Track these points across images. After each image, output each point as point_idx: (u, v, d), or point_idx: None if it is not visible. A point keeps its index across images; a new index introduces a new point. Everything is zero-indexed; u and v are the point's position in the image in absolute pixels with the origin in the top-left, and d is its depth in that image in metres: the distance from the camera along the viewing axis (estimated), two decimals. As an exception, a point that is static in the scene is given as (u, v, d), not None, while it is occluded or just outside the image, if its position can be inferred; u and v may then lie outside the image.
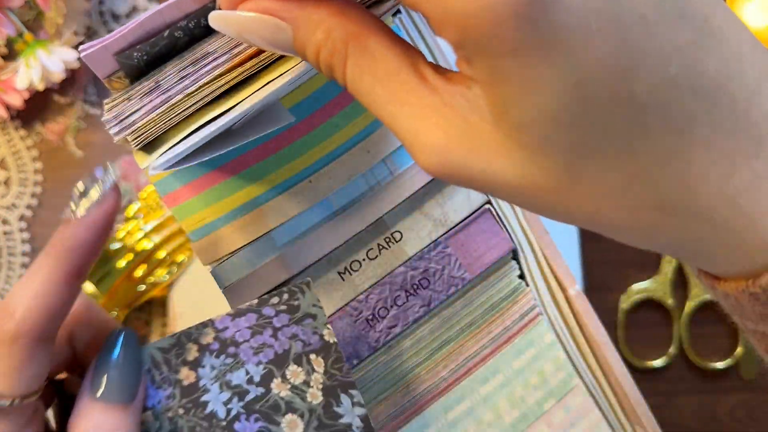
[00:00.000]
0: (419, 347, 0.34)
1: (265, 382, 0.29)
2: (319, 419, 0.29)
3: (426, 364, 0.34)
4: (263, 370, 0.29)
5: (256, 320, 0.29)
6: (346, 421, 0.29)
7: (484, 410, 0.34)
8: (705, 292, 0.51)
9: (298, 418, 0.29)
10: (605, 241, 0.52)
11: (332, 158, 0.31)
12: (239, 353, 0.29)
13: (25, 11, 0.49)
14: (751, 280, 0.20)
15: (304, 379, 0.29)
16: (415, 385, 0.33)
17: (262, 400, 0.29)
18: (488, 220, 0.33)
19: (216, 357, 0.29)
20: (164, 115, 0.25)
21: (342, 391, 0.29)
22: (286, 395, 0.29)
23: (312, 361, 0.29)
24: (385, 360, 0.33)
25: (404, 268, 0.33)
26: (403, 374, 0.33)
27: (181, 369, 0.29)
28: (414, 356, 0.33)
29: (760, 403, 0.52)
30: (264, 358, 0.29)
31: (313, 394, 0.29)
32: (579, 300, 0.35)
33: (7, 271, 0.51)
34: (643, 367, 0.52)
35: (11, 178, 0.51)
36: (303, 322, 0.29)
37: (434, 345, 0.34)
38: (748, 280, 0.20)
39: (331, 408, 0.29)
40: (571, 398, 0.35)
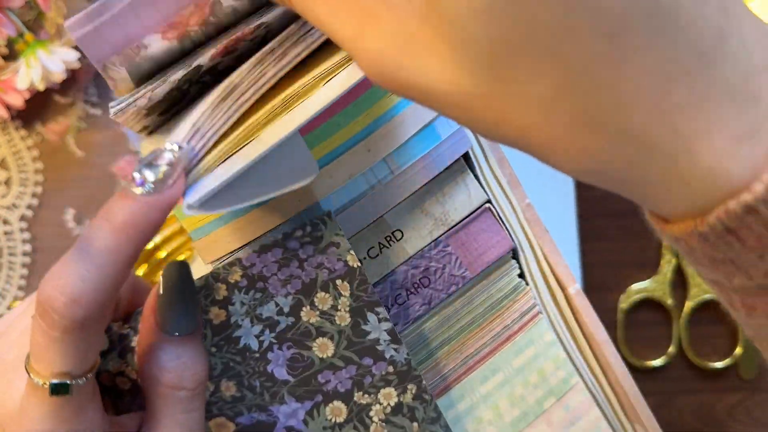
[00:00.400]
0: (419, 346, 0.34)
1: (295, 312, 0.30)
2: (348, 339, 0.30)
3: (426, 363, 0.34)
4: (292, 300, 0.30)
5: (281, 254, 0.30)
6: (373, 337, 0.31)
7: (484, 409, 0.35)
8: (705, 292, 0.51)
9: (328, 340, 0.30)
10: (605, 242, 0.52)
11: (333, 157, 0.31)
12: (268, 287, 0.30)
13: (25, 11, 0.49)
14: (699, 219, 0.18)
15: (331, 304, 0.30)
16: (416, 384, 0.34)
17: (293, 328, 0.30)
18: (488, 219, 0.33)
19: (245, 293, 0.30)
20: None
21: (368, 310, 0.30)
22: (316, 321, 0.30)
23: (338, 286, 0.30)
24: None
25: (405, 267, 0.33)
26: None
27: (210, 309, 0.30)
28: (415, 355, 0.34)
29: (760, 403, 0.52)
30: (292, 289, 0.30)
31: (341, 317, 0.30)
32: (579, 299, 0.35)
33: (7, 271, 0.51)
34: (643, 366, 0.52)
35: (12, 178, 0.51)
36: (327, 251, 0.30)
37: (434, 344, 0.34)
38: (695, 219, 0.19)
39: (359, 327, 0.30)
40: (570, 397, 0.35)
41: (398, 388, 0.31)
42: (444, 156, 0.32)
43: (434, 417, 0.32)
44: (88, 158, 0.52)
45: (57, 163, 0.52)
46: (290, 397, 0.31)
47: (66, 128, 0.52)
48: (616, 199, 0.52)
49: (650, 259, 0.52)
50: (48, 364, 0.24)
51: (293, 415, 0.31)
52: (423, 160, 0.32)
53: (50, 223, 0.51)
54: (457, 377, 0.34)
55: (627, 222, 0.52)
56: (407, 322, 0.33)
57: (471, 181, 0.33)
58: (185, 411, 0.27)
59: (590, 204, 0.52)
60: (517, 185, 0.34)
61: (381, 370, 0.31)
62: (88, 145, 0.52)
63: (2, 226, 0.51)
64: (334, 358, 0.31)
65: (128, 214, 0.23)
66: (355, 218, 0.32)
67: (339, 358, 0.31)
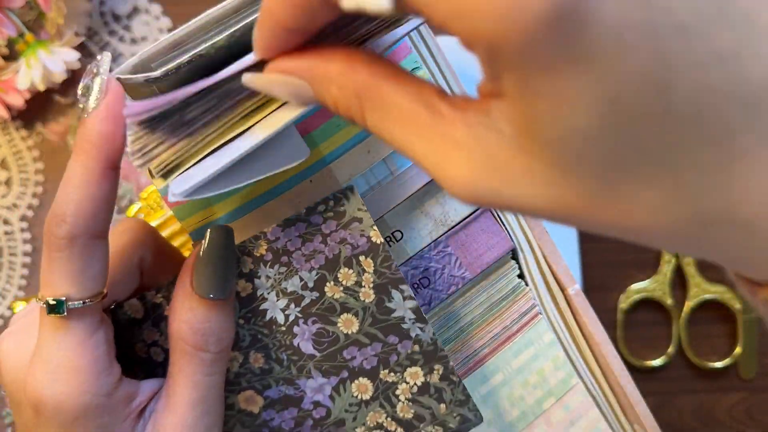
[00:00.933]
0: (419, 346, 0.34)
1: (319, 287, 0.30)
2: (373, 316, 0.31)
3: (426, 363, 0.34)
4: (316, 275, 0.30)
5: (305, 228, 0.30)
6: (398, 315, 0.31)
7: (483, 409, 0.35)
8: (704, 292, 0.51)
9: (352, 316, 0.31)
10: (604, 242, 0.52)
11: (333, 158, 0.31)
12: (292, 261, 0.30)
13: (25, 11, 0.49)
14: None
15: (355, 280, 0.30)
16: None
17: (318, 303, 0.30)
18: (488, 220, 0.33)
19: (270, 267, 0.30)
20: (187, 144, 0.25)
21: (393, 288, 0.30)
22: (340, 297, 0.30)
23: (362, 262, 0.30)
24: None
25: (405, 268, 0.33)
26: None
27: (238, 281, 0.30)
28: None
29: (759, 403, 0.52)
30: (316, 264, 0.30)
31: (366, 293, 0.30)
32: (578, 299, 0.35)
33: (8, 271, 0.51)
34: (642, 366, 0.52)
35: (12, 179, 0.52)
36: (350, 226, 0.30)
37: (434, 344, 0.34)
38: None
39: (383, 304, 0.30)
40: (570, 397, 0.35)
41: (424, 368, 0.31)
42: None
43: (462, 399, 0.31)
44: (89, 158, 0.52)
45: (57, 163, 0.52)
46: (316, 371, 0.31)
47: (67, 128, 0.52)
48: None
49: (650, 259, 0.52)
50: (50, 286, 0.26)
51: (320, 390, 0.31)
52: (423, 161, 0.32)
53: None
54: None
55: (627, 222, 0.52)
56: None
57: (471, 182, 0.33)
58: (205, 374, 0.28)
59: (590, 204, 0.52)
60: (516, 186, 0.34)
61: (407, 348, 0.31)
62: (89, 145, 0.52)
63: (3, 226, 0.51)
64: (359, 335, 0.31)
65: (83, 134, 0.26)
66: (355, 219, 0.32)
67: (364, 334, 0.31)
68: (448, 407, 0.32)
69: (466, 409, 0.32)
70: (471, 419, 0.32)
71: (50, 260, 0.26)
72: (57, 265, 0.26)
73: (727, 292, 0.51)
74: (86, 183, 0.26)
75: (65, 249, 0.26)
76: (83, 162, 0.26)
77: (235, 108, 0.25)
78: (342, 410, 0.31)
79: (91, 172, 0.26)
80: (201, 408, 0.29)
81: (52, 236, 0.26)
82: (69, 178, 0.26)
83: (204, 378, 0.28)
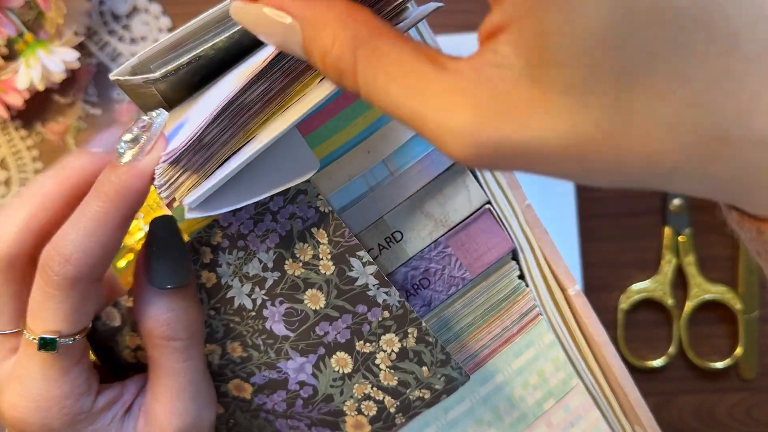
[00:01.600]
0: (419, 347, 0.34)
1: (279, 266, 0.30)
2: (337, 287, 0.31)
3: (426, 364, 0.34)
4: (274, 255, 0.30)
5: (254, 209, 0.30)
6: (361, 282, 0.30)
7: (483, 410, 0.35)
8: (705, 292, 0.51)
9: (317, 291, 0.31)
10: (605, 242, 0.52)
11: (332, 159, 0.31)
12: (248, 244, 0.30)
13: (25, 11, 0.49)
14: None
15: (312, 254, 0.30)
16: (416, 385, 0.34)
17: (281, 283, 0.30)
18: (488, 220, 0.33)
19: (229, 253, 0.30)
20: (207, 166, 0.25)
21: (350, 256, 0.30)
22: (301, 273, 0.30)
23: (315, 234, 0.30)
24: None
25: (405, 268, 0.33)
26: (403, 374, 0.33)
27: (201, 273, 0.30)
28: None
29: (760, 403, 0.52)
30: (271, 243, 0.30)
31: (325, 266, 0.30)
32: (579, 300, 0.35)
33: (7, 271, 0.51)
34: (643, 367, 0.52)
35: (12, 178, 0.51)
36: (297, 200, 0.30)
37: (434, 345, 0.34)
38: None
39: (344, 274, 0.30)
40: (570, 398, 0.35)
41: (399, 334, 0.31)
42: (443, 157, 0.32)
43: (443, 359, 0.31)
44: (88, 158, 0.52)
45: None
46: (294, 351, 0.31)
47: (66, 128, 0.52)
48: (616, 199, 0.52)
49: (650, 259, 0.52)
50: (41, 320, 0.26)
51: (301, 370, 0.31)
52: (422, 162, 0.32)
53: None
54: (457, 378, 0.34)
55: (627, 222, 0.52)
56: (407, 324, 0.33)
57: (471, 182, 0.33)
58: (182, 360, 0.29)
59: (590, 204, 0.52)
60: (516, 187, 0.34)
61: (377, 316, 0.31)
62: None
63: (2, 226, 0.51)
64: (327, 309, 0.31)
65: (113, 183, 0.26)
66: (355, 220, 0.32)
67: (332, 308, 0.31)
68: (430, 369, 0.32)
69: (449, 368, 0.32)
70: (456, 378, 0.32)
71: (45, 295, 0.26)
72: (52, 302, 0.26)
73: (727, 292, 0.51)
74: (101, 230, 0.26)
75: (63, 289, 0.26)
76: (104, 209, 0.26)
77: (248, 123, 0.25)
78: (327, 386, 0.32)
79: (110, 221, 0.26)
80: (187, 393, 0.29)
81: (51, 272, 0.26)
82: (83, 221, 0.26)
83: (182, 365, 0.29)
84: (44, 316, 0.26)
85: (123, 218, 0.26)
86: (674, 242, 0.51)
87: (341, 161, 0.31)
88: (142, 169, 0.25)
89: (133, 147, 0.26)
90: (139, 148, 0.25)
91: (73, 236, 0.25)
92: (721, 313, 0.52)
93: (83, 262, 0.26)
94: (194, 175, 0.25)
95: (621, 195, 0.52)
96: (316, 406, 0.32)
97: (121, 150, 0.26)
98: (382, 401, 0.32)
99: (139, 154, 0.25)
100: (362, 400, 0.32)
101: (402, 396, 0.32)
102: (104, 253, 0.26)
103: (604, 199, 0.52)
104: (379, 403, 0.32)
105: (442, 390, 0.32)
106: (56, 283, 0.26)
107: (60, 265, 0.25)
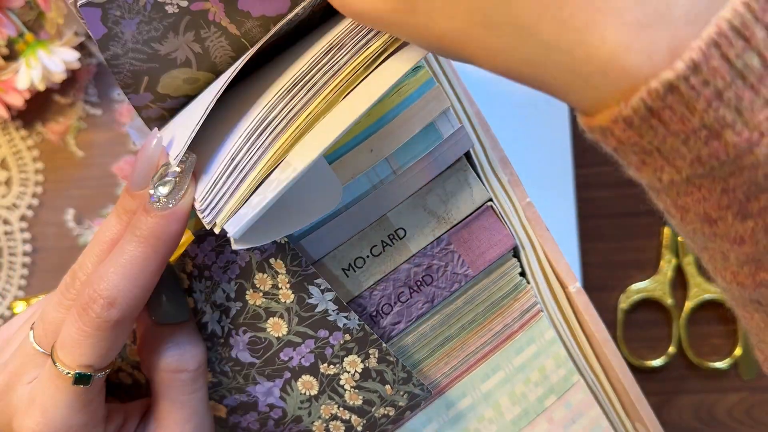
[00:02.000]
0: (421, 344, 0.34)
1: (241, 296, 0.31)
2: (298, 314, 0.31)
3: (428, 361, 0.34)
4: (235, 285, 0.31)
5: (215, 242, 0.30)
6: (321, 308, 0.31)
7: (485, 407, 0.35)
8: (704, 292, 0.51)
9: (279, 319, 0.31)
10: (605, 242, 0.52)
11: (336, 157, 0.31)
12: (213, 275, 0.31)
13: (25, 11, 0.49)
14: (623, 103, 0.18)
15: (272, 283, 0.30)
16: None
17: (243, 312, 0.31)
18: (490, 218, 0.34)
19: (199, 281, 0.31)
20: (243, 189, 0.26)
21: (308, 284, 0.30)
22: (262, 303, 0.31)
23: (273, 264, 0.30)
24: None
25: (408, 265, 0.33)
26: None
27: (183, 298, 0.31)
28: (416, 353, 0.34)
29: (759, 403, 0.52)
30: (232, 274, 0.30)
31: (285, 294, 0.31)
32: (579, 297, 0.35)
33: (8, 271, 0.51)
34: (642, 366, 0.52)
35: (12, 178, 0.51)
36: None
37: (436, 342, 0.34)
38: (619, 104, 0.19)
39: (304, 301, 0.31)
40: (571, 395, 0.35)
41: (360, 355, 0.32)
42: (446, 155, 0.32)
43: (404, 377, 0.32)
44: (88, 158, 0.52)
45: (57, 163, 0.52)
46: (261, 377, 0.32)
47: (66, 128, 0.52)
48: (616, 199, 0.52)
49: (650, 259, 0.52)
50: (77, 356, 0.27)
51: (269, 393, 0.32)
52: (424, 160, 0.32)
53: (50, 223, 0.51)
54: (459, 375, 0.34)
55: (627, 222, 0.52)
56: (410, 320, 0.33)
57: (473, 180, 0.33)
58: (189, 392, 0.29)
59: (590, 204, 0.52)
60: (518, 184, 0.34)
61: (338, 339, 0.31)
62: (88, 145, 0.52)
63: (3, 226, 0.51)
64: (290, 335, 0.31)
65: (150, 227, 0.26)
66: (358, 217, 0.32)
67: (294, 334, 0.31)
68: (393, 387, 0.32)
69: (411, 385, 0.32)
70: (418, 394, 0.33)
71: (83, 334, 0.27)
72: (92, 341, 0.27)
73: (726, 292, 0.51)
74: (143, 274, 0.26)
75: (105, 330, 0.27)
76: (146, 254, 0.26)
77: (274, 144, 0.26)
78: (296, 408, 0.32)
79: (152, 265, 0.27)
80: (191, 424, 0.30)
81: (94, 314, 0.26)
82: (122, 263, 0.26)
83: (189, 396, 0.29)
84: (80, 353, 0.27)
85: (161, 262, 0.27)
86: (674, 242, 0.51)
87: (344, 159, 0.31)
88: (178, 213, 0.26)
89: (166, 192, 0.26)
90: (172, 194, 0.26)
91: (116, 280, 0.26)
92: (720, 312, 0.52)
93: (126, 306, 0.26)
94: (233, 198, 0.26)
95: (621, 195, 0.52)
96: (287, 426, 0.33)
97: (151, 189, 0.26)
98: (348, 420, 0.33)
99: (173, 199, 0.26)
100: (330, 420, 0.33)
101: (368, 414, 0.33)
102: (144, 296, 0.27)
103: (603, 199, 0.52)
104: (346, 422, 0.33)
105: (405, 407, 0.33)
106: (97, 324, 0.26)
107: (103, 308, 0.26)
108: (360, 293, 0.32)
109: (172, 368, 0.29)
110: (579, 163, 0.51)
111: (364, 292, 0.32)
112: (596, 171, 0.52)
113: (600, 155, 0.22)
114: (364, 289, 0.32)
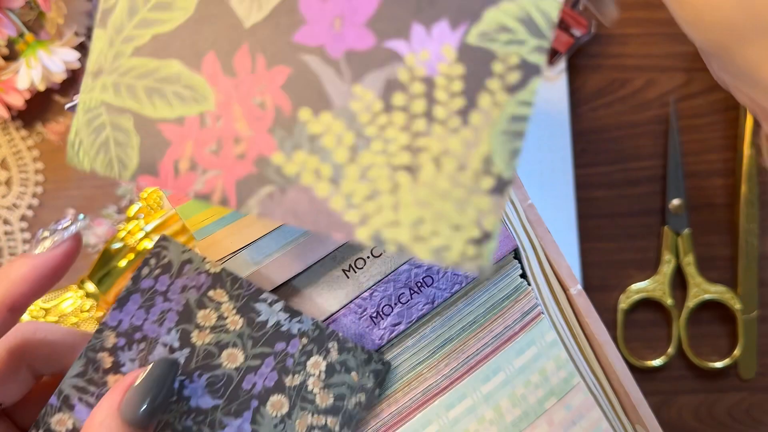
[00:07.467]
0: (421, 345, 0.34)
1: (186, 342, 0.30)
2: (251, 337, 0.30)
3: (428, 362, 0.34)
4: (177, 333, 0.30)
5: (141, 298, 0.29)
6: (272, 322, 0.30)
7: (485, 408, 0.35)
8: (704, 292, 0.51)
9: (233, 349, 0.30)
10: (605, 242, 0.52)
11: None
12: (146, 334, 0.29)
13: (25, 12, 0.49)
14: None
15: (216, 316, 0.30)
16: (417, 383, 0.34)
17: (194, 357, 0.30)
18: (491, 219, 0.33)
19: (129, 350, 0.29)
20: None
21: (254, 302, 0.30)
22: (211, 339, 0.30)
23: (213, 297, 0.30)
24: (388, 357, 0.33)
25: (408, 266, 0.33)
26: (405, 372, 0.34)
27: (107, 379, 0.29)
28: (416, 354, 0.34)
29: (759, 403, 0.52)
30: (170, 323, 0.30)
31: (233, 321, 0.30)
32: (580, 299, 0.35)
33: (7, 271, 0.51)
34: (642, 366, 0.52)
35: (12, 178, 0.51)
36: (183, 272, 0.30)
37: (436, 343, 0.34)
38: None
39: (254, 321, 0.30)
40: (572, 397, 0.35)
41: (321, 353, 0.31)
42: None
43: (366, 358, 0.32)
44: (89, 158, 0.52)
45: (57, 163, 0.52)
46: (227, 417, 0.30)
47: (66, 128, 0.52)
48: (615, 199, 0.52)
49: (650, 259, 0.52)
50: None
51: (240, 430, 0.31)
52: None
53: (51, 223, 0.51)
54: (459, 377, 0.34)
55: (626, 222, 0.52)
56: (410, 321, 0.33)
57: (473, 181, 0.33)
58: None
59: (590, 204, 0.52)
60: (519, 186, 0.34)
61: (296, 346, 0.31)
62: (89, 146, 0.52)
63: (3, 226, 0.51)
64: (248, 361, 0.30)
65: (7, 263, 0.27)
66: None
67: (252, 358, 0.30)
68: (358, 372, 0.32)
69: (373, 363, 0.32)
70: (381, 368, 0.32)
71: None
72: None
73: (726, 292, 0.51)
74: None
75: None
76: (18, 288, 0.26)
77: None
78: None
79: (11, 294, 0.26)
80: None
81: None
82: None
83: None
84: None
85: (7, 306, 0.26)
86: (674, 242, 0.51)
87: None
88: (38, 262, 0.26)
89: (46, 243, 0.27)
90: (50, 245, 0.27)
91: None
92: (720, 313, 0.52)
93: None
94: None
95: (621, 195, 0.52)
96: None
97: (36, 239, 0.27)
98: (325, 425, 0.32)
99: (45, 250, 0.26)
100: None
101: (342, 410, 0.32)
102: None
103: (603, 199, 0.52)
104: (323, 428, 0.32)
105: (373, 386, 0.32)
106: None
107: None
108: (360, 294, 0.32)
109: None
110: (579, 163, 0.51)
111: (364, 293, 0.32)
112: (596, 171, 0.52)
113: (600, 155, 0.22)
114: (365, 289, 0.32)
